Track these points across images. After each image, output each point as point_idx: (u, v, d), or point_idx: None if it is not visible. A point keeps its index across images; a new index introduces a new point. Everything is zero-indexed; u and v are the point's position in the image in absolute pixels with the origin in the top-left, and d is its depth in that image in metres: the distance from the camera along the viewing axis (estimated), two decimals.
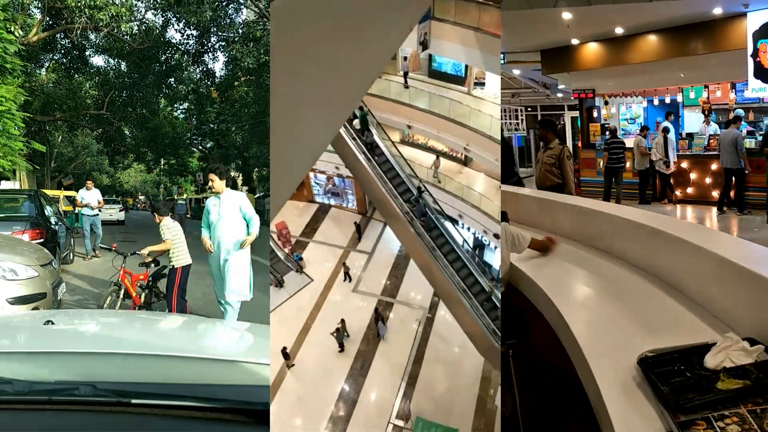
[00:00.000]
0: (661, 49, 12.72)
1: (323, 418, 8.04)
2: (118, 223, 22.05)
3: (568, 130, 21.07)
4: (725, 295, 2.53)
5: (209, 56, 24.85)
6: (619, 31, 12.89)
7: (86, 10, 17.45)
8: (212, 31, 23.42)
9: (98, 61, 27.66)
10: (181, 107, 30.77)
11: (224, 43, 23.89)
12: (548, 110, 23.59)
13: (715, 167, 11.87)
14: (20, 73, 14.56)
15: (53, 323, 2.12)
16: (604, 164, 13.29)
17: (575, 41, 13.96)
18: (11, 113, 12.55)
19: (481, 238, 10.43)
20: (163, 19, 22.59)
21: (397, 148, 10.07)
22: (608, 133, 13.72)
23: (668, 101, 15.51)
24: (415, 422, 7.78)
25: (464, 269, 8.47)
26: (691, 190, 12.76)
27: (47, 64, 23.72)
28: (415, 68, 11.65)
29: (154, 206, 7.15)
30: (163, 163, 36.86)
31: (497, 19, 9.27)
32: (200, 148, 34.70)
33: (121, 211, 23.77)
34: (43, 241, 8.22)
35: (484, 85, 11.19)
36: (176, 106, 29.88)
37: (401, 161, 9.82)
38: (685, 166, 12.79)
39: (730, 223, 10.63)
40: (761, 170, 10.83)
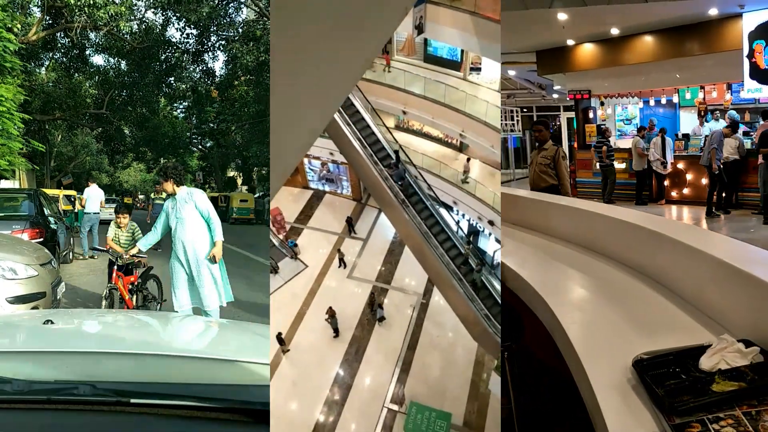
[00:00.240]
0: (656, 49, 12.72)
1: (318, 402, 8.04)
2: None
3: (564, 131, 21.06)
4: (721, 296, 2.53)
5: (209, 55, 24.98)
6: (614, 31, 12.86)
7: (86, 8, 17.45)
8: (212, 30, 23.42)
9: (98, 60, 27.73)
10: (180, 106, 30.77)
11: (224, 42, 23.89)
12: (544, 111, 23.61)
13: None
14: (20, 72, 14.56)
15: (53, 322, 2.12)
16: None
17: (571, 42, 13.93)
18: (10, 113, 12.57)
19: (475, 224, 10.33)
20: (163, 17, 22.60)
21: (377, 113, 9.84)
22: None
23: (664, 102, 15.54)
24: (409, 406, 7.79)
25: (457, 254, 8.44)
26: (687, 190, 12.78)
27: (47, 62, 23.71)
28: (410, 53, 11.44)
29: (118, 208, 7.10)
30: (162, 162, 36.85)
31: (496, 3, 9.02)
32: (200, 147, 34.69)
33: None
34: (42, 240, 8.24)
35: (480, 70, 10.96)
36: (176, 105, 29.87)
37: (377, 120, 9.62)
38: (681, 167, 12.82)
39: (723, 224, 10.66)
40: (755, 171, 10.85)
